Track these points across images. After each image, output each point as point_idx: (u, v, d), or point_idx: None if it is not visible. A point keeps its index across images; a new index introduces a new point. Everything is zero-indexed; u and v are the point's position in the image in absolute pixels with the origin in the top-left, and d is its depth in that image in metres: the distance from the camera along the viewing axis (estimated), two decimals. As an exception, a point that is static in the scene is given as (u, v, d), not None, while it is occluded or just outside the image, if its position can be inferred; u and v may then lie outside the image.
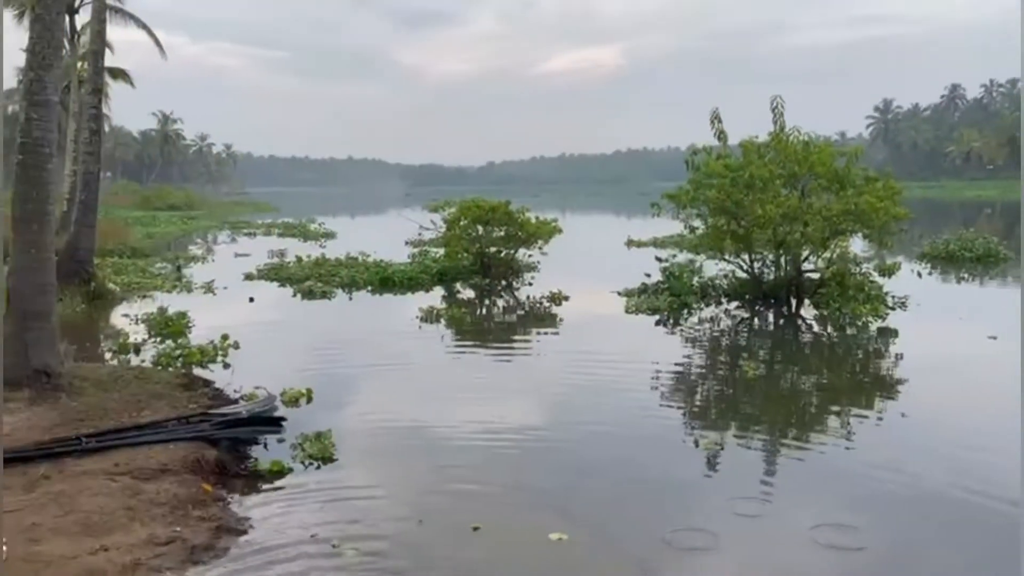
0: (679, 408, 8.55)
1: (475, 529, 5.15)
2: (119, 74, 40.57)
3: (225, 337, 10.84)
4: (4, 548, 4.30)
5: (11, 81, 61.25)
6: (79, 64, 29.86)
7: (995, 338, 11.11)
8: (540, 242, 19.57)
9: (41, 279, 7.77)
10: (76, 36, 29.54)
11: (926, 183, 67.06)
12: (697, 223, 15.68)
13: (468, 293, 17.38)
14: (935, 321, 13.29)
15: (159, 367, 9.55)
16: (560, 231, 19.85)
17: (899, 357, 10.79)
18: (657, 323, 13.27)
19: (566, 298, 15.42)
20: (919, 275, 18.53)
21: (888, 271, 15.61)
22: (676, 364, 10.45)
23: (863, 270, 14.62)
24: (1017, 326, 12.40)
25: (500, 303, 16.39)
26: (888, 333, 12.09)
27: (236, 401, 7.86)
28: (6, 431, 6.53)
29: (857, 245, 15.72)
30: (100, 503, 5.14)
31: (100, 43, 17.43)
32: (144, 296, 16.26)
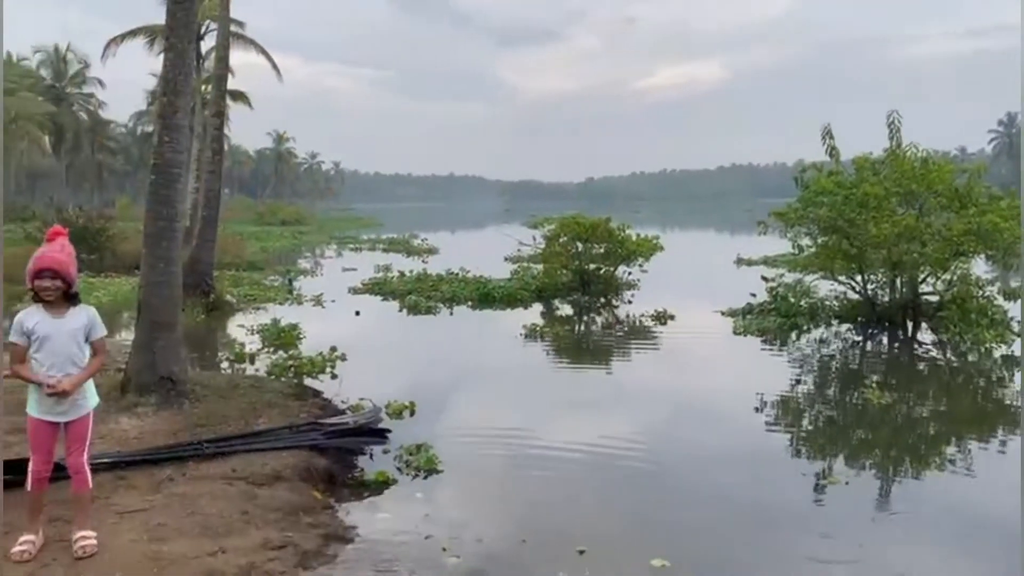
0: (790, 434, 8.23)
1: (580, 552, 5.11)
2: (239, 96, 42.89)
3: (333, 349, 11.21)
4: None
5: (142, 103, 65.57)
6: (203, 87, 31.69)
7: None
8: (641, 259, 19.38)
9: (168, 292, 8.23)
10: (201, 61, 31.39)
11: (1057, 200, 62.85)
12: (806, 241, 15.20)
13: (567, 310, 17.37)
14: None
15: (272, 376, 9.93)
16: (661, 248, 19.59)
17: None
18: (765, 344, 12.90)
19: (671, 317, 15.18)
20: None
21: (1014, 295, 14.73)
22: (785, 388, 10.09)
23: (986, 293, 13.81)
24: None
25: (600, 321, 16.30)
26: (1014, 361, 11.35)
27: (344, 412, 8.11)
28: (135, 434, 6.96)
29: (979, 267, 14.84)
30: (219, 507, 5.38)
31: (224, 68, 18.46)
32: (258, 308, 17.01)
